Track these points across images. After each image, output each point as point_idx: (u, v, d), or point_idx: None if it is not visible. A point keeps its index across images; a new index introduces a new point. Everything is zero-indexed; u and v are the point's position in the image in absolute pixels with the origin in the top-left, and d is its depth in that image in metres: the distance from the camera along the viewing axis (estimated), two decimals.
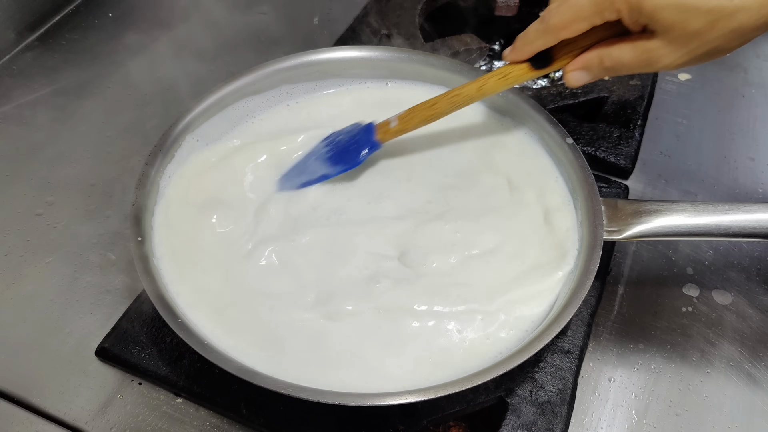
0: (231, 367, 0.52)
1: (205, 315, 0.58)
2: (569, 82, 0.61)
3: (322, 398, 0.50)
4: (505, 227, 0.65)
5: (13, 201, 0.75)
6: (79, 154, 0.79)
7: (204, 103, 0.70)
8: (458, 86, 0.65)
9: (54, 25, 0.95)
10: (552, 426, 0.58)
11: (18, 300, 0.67)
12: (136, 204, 0.61)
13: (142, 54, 0.91)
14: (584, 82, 0.60)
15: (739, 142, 0.83)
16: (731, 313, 0.67)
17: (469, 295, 0.60)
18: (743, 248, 0.72)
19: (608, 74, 0.59)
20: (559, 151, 0.68)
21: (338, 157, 0.68)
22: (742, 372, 0.64)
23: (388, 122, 0.67)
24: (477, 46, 0.86)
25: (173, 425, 0.59)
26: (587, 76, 0.60)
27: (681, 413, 0.61)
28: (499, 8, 0.95)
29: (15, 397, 0.61)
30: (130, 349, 0.62)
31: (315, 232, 0.65)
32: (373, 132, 0.67)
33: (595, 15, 0.55)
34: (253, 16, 0.98)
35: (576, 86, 0.61)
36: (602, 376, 0.63)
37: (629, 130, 0.81)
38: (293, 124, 0.74)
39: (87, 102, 0.85)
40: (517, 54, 0.61)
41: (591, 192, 0.63)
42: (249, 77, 0.72)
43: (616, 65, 0.57)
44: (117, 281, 0.68)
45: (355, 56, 0.76)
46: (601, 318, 0.67)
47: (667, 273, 0.70)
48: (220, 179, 0.69)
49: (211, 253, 0.63)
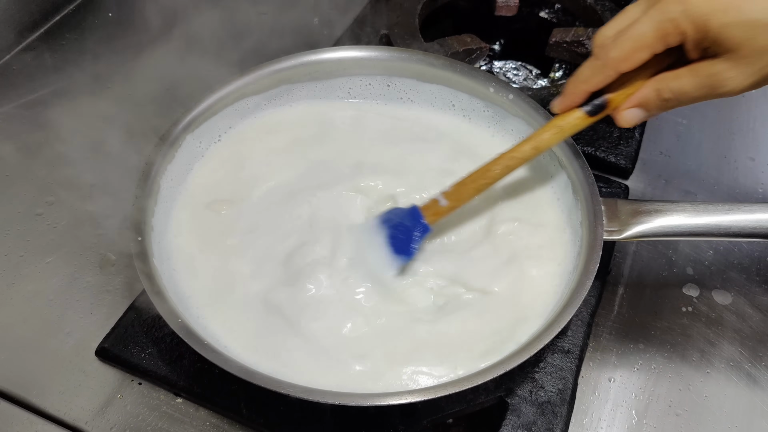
0: (231, 367, 0.52)
1: (209, 315, 0.59)
2: (622, 122, 0.56)
3: (322, 398, 0.50)
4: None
5: (13, 201, 0.75)
6: (79, 154, 0.79)
7: (204, 103, 0.70)
8: (509, 150, 0.61)
9: (54, 25, 0.95)
10: (552, 426, 0.58)
11: (18, 300, 0.67)
12: (136, 204, 0.61)
13: (142, 54, 0.91)
14: (639, 120, 0.57)
15: (739, 142, 0.83)
16: (731, 313, 0.67)
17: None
18: (743, 248, 0.72)
19: (666, 108, 0.55)
20: (560, 151, 0.68)
21: (393, 245, 0.62)
22: (742, 372, 0.64)
23: (435, 201, 0.62)
24: (477, 46, 0.86)
25: (173, 425, 0.59)
26: (643, 114, 0.56)
27: (681, 413, 0.61)
28: (499, 8, 0.95)
29: (15, 397, 0.61)
30: (130, 349, 0.62)
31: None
32: (420, 216, 0.62)
33: (657, 41, 0.51)
34: (253, 16, 0.98)
35: (629, 125, 0.57)
36: (602, 376, 0.63)
37: (629, 130, 0.81)
38: (293, 125, 0.74)
39: (87, 102, 0.85)
40: (571, 98, 0.57)
41: (591, 192, 0.63)
42: (249, 77, 0.72)
43: (677, 95, 0.53)
44: (117, 281, 0.68)
45: (355, 56, 0.76)
46: (601, 318, 0.67)
47: (667, 273, 0.70)
48: (220, 179, 0.69)
49: (211, 252, 0.63)
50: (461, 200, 0.62)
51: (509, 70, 0.98)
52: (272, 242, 0.64)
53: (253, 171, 0.70)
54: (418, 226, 0.61)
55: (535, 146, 0.60)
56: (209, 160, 0.70)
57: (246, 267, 0.63)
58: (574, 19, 0.96)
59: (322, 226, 0.65)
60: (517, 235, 0.65)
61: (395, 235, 0.62)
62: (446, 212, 0.62)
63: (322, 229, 0.65)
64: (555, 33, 0.89)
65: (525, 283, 0.62)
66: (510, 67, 0.99)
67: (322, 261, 0.62)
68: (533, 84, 0.97)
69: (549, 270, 0.63)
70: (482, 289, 0.61)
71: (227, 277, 0.62)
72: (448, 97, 0.76)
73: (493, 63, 0.99)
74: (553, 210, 0.68)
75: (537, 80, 0.97)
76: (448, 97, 0.76)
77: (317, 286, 0.61)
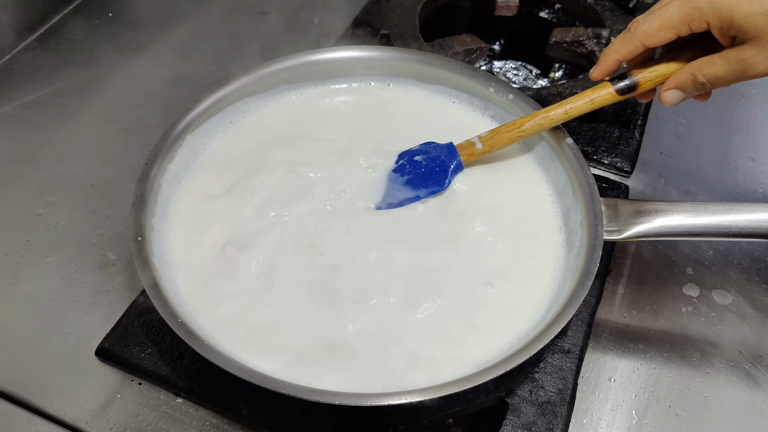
0: (231, 367, 0.52)
1: (210, 315, 0.59)
2: (665, 100, 0.61)
3: (322, 398, 0.50)
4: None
5: (13, 201, 0.75)
6: (79, 154, 0.79)
7: (204, 103, 0.70)
8: (544, 109, 0.66)
9: (54, 25, 0.95)
10: (552, 426, 0.58)
11: (18, 300, 0.67)
12: (136, 204, 0.61)
13: (142, 54, 0.91)
14: (679, 100, 0.61)
15: (739, 142, 0.83)
16: (731, 313, 0.67)
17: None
18: (743, 248, 0.72)
19: (702, 90, 0.60)
20: (559, 150, 0.68)
21: (421, 179, 0.67)
22: (742, 372, 0.64)
23: (472, 143, 0.68)
24: (477, 46, 0.86)
25: (173, 425, 0.59)
26: (681, 95, 0.61)
27: (681, 413, 0.61)
28: (499, 8, 0.95)
29: (15, 397, 0.61)
30: (130, 349, 0.62)
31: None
32: (456, 153, 0.68)
33: (683, 24, 0.57)
34: (253, 16, 0.98)
35: (671, 105, 0.62)
36: (602, 376, 0.63)
37: (629, 130, 0.81)
38: (294, 124, 0.74)
39: (87, 102, 0.85)
40: (604, 65, 0.63)
41: (591, 192, 0.63)
42: (249, 77, 0.72)
43: (711, 79, 0.58)
44: (117, 281, 0.68)
45: (355, 56, 0.76)
46: (601, 318, 0.67)
47: (667, 273, 0.70)
48: (220, 179, 0.69)
49: (212, 252, 0.63)
50: (494, 146, 0.68)
51: (509, 70, 0.99)
52: (272, 242, 0.64)
53: (254, 171, 0.69)
54: (453, 161, 0.68)
55: (567, 111, 0.65)
56: (209, 160, 0.70)
57: (250, 265, 0.63)
58: (574, 19, 0.96)
59: (324, 219, 0.66)
60: (515, 234, 0.65)
61: (431, 167, 0.68)
62: (479, 155, 0.68)
63: (325, 220, 0.66)
64: (555, 33, 0.89)
65: (519, 279, 0.62)
66: (510, 67, 0.99)
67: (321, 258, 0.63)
68: (533, 84, 0.97)
69: (546, 269, 0.63)
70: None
71: (227, 276, 0.62)
72: (448, 97, 0.76)
73: (493, 63, 0.99)
74: (553, 210, 0.68)
75: (537, 80, 0.97)
76: (449, 97, 0.76)
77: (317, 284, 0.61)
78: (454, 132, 0.73)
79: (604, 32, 0.87)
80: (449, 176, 0.67)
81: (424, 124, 0.74)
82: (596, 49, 0.86)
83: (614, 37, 0.85)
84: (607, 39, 0.86)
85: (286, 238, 0.64)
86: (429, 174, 0.68)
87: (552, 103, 0.80)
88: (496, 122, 0.74)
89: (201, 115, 0.69)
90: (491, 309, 0.60)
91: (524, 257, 0.64)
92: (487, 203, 0.68)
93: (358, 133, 0.74)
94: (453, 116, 0.75)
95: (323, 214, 0.66)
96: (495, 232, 0.66)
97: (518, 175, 0.71)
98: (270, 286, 0.61)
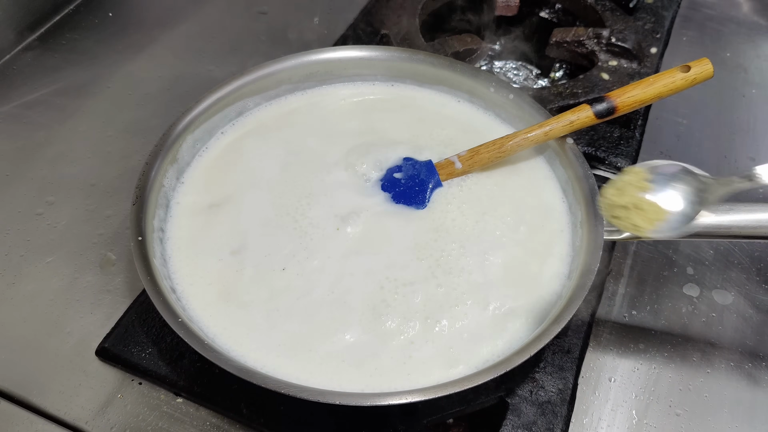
0: (231, 367, 0.52)
1: (210, 314, 0.59)
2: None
3: (322, 398, 0.50)
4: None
5: (13, 201, 0.75)
6: (79, 154, 0.79)
7: (204, 103, 0.70)
8: (523, 129, 0.68)
9: (54, 25, 0.95)
10: (552, 426, 0.58)
11: (18, 300, 0.67)
12: (136, 204, 0.61)
13: (142, 54, 0.91)
14: None
15: (739, 142, 0.83)
16: (731, 313, 0.67)
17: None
18: (743, 248, 0.72)
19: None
20: (560, 150, 0.68)
21: (401, 197, 0.67)
22: (742, 372, 0.64)
23: (451, 163, 0.68)
24: (477, 46, 0.86)
25: (173, 425, 0.59)
26: None
27: (681, 413, 0.61)
28: (499, 8, 0.95)
29: (15, 396, 0.61)
30: (130, 349, 0.62)
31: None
32: (435, 172, 0.68)
33: None
34: (253, 16, 0.98)
35: None
36: (602, 376, 0.63)
37: (629, 130, 0.81)
38: (294, 124, 0.74)
39: (87, 102, 0.85)
40: None
41: (591, 192, 0.64)
42: (249, 77, 0.72)
43: None
44: (117, 281, 0.68)
45: (355, 56, 0.76)
46: (601, 318, 0.67)
47: (667, 273, 0.70)
48: (220, 178, 0.69)
49: (213, 252, 0.63)
50: (473, 166, 0.69)
51: (509, 70, 0.99)
52: (272, 242, 0.64)
53: (253, 170, 0.69)
54: (432, 180, 0.68)
55: (547, 133, 0.67)
56: (209, 159, 0.70)
57: (251, 265, 0.63)
58: (574, 19, 0.96)
59: (322, 219, 0.66)
60: (516, 234, 0.65)
61: (410, 186, 0.68)
62: (458, 175, 0.69)
63: (325, 220, 0.65)
64: (555, 33, 0.89)
65: (524, 280, 0.62)
66: (510, 67, 0.99)
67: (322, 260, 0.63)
68: (533, 84, 0.97)
69: (548, 270, 0.63)
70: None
71: (228, 277, 0.62)
72: (448, 97, 0.76)
73: (493, 63, 0.99)
74: (553, 209, 0.68)
75: (537, 80, 0.97)
76: (449, 97, 0.76)
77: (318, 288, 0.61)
78: (456, 132, 0.73)
79: (605, 32, 0.87)
80: (428, 195, 0.67)
81: (425, 124, 0.74)
82: (596, 49, 0.86)
83: (614, 37, 0.86)
84: (607, 39, 0.86)
85: (288, 238, 0.64)
86: (408, 192, 0.67)
87: (552, 103, 0.81)
88: (500, 121, 0.74)
89: (201, 115, 0.70)
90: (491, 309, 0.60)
91: (525, 257, 0.64)
92: (488, 203, 0.68)
93: (358, 133, 0.73)
94: (454, 116, 0.75)
95: (323, 215, 0.66)
96: (495, 231, 0.66)
97: (522, 172, 0.71)
98: (271, 285, 0.61)
